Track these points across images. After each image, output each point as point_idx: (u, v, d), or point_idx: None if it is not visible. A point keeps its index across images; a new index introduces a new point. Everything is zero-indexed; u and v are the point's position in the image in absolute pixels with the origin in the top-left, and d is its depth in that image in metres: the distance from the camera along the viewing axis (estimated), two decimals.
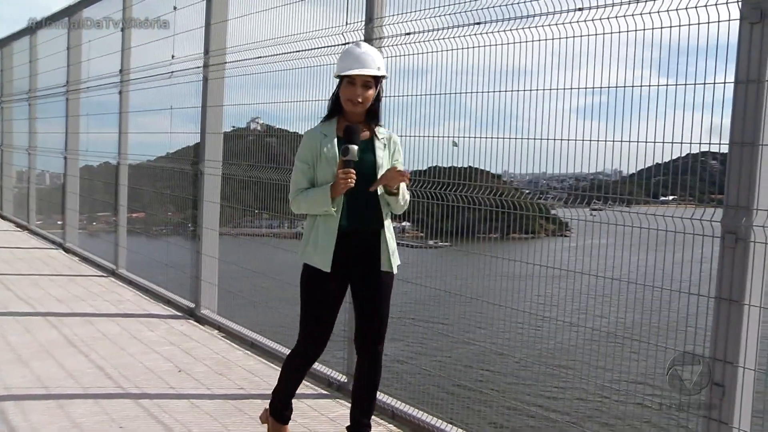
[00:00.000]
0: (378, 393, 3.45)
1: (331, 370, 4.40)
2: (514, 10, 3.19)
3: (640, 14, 2.74)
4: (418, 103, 3.78)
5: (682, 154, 2.76)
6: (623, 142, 2.83)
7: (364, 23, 4.01)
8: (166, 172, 7.17)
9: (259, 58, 5.02)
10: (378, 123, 3.14)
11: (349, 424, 3.33)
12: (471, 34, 3.41)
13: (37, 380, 4.36)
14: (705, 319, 2.65)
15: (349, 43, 4.13)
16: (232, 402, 4.09)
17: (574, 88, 3.01)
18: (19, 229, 11.54)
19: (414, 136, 3.74)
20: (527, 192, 3.53)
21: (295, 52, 4.57)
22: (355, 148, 2.95)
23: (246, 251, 6.32)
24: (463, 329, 4.07)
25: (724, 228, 2.57)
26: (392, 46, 3.86)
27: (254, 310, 5.65)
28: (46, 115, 10.66)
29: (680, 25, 2.64)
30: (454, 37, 3.50)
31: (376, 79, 3.04)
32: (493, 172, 3.57)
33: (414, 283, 3.88)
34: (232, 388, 4.35)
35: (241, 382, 4.45)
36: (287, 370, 3.30)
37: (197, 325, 5.89)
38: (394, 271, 3.14)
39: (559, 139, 3.05)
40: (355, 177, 2.94)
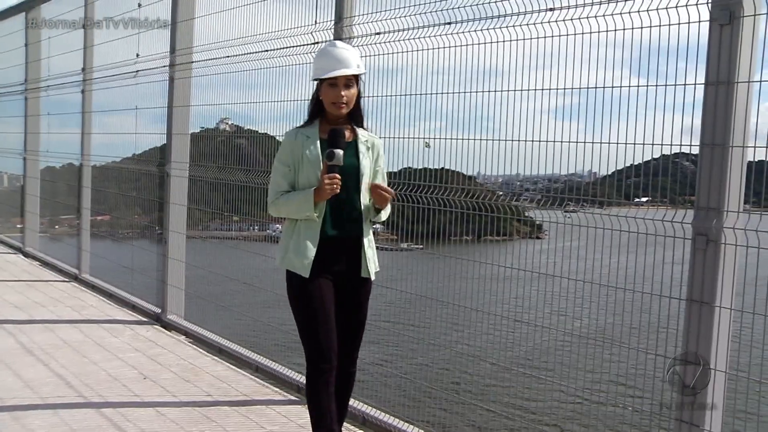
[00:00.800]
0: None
1: (300, 375, 4.32)
2: (485, 10, 3.16)
3: (611, 15, 2.73)
4: (389, 104, 3.74)
5: (656, 156, 2.75)
6: (597, 143, 2.81)
7: (333, 22, 3.96)
8: (132, 174, 7.02)
9: (227, 57, 4.93)
10: (361, 124, 3.02)
11: None
12: (443, 34, 3.38)
13: None
14: (677, 321, 2.64)
15: (320, 43, 4.07)
16: (200, 409, 4.00)
17: (548, 89, 2.99)
18: None
19: (386, 137, 3.69)
20: (501, 194, 3.50)
21: (264, 52, 4.50)
22: (341, 152, 2.84)
23: (215, 255, 6.20)
24: (438, 333, 4.03)
25: (695, 230, 2.57)
26: (363, 45, 3.80)
27: (223, 315, 5.55)
28: (4, 114, 10.36)
29: (651, 26, 2.63)
30: (426, 37, 3.46)
31: (356, 77, 2.95)
32: (467, 174, 3.54)
33: (386, 287, 3.83)
34: (200, 395, 4.25)
35: (208, 389, 4.35)
36: (313, 397, 2.95)
37: (164, 330, 5.76)
38: (372, 277, 3.04)
39: (533, 141, 3.03)
40: (340, 182, 2.85)
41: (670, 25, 2.59)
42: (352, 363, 3.10)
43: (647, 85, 2.66)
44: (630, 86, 2.73)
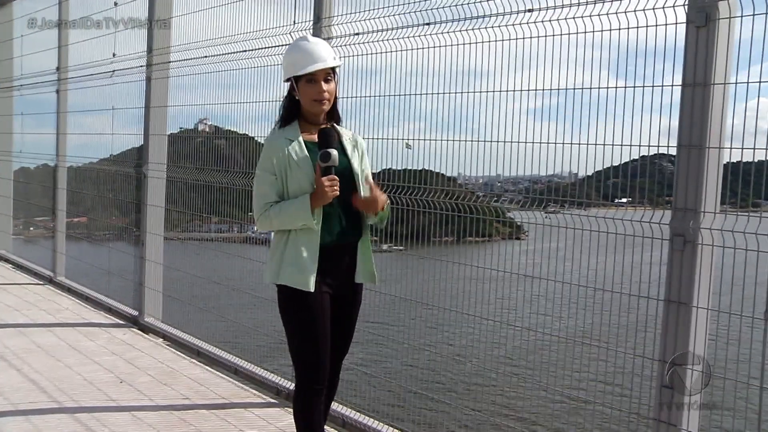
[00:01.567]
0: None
1: (279, 378, 4.30)
2: (465, 11, 3.16)
3: (590, 16, 2.74)
4: (369, 105, 3.72)
5: (637, 156, 2.77)
6: (577, 144, 2.82)
7: (312, 22, 3.93)
8: (109, 175, 6.93)
9: (205, 57, 4.89)
10: (339, 122, 2.85)
11: None
12: (422, 35, 3.37)
13: None
14: (655, 322, 2.66)
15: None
16: (177, 413, 3.95)
17: (528, 90, 2.99)
18: None
19: (366, 139, 3.67)
20: (482, 195, 3.50)
21: (242, 52, 4.46)
22: (336, 152, 2.66)
23: (194, 256, 6.13)
24: (419, 334, 4.02)
25: (673, 230, 2.58)
26: (342, 46, 3.79)
27: (202, 318, 5.49)
28: None
29: (629, 28, 2.65)
30: (406, 38, 3.45)
31: (333, 71, 2.75)
32: (448, 175, 3.53)
33: (367, 288, 3.80)
34: (177, 399, 4.20)
35: (186, 392, 4.30)
36: (305, 415, 2.79)
37: (141, 333, 5.69)
38: (375, 281, 2.87)
39: (514, 142, 3.03)
40: (338, 184, 2.65)
41: (648, 26, 2.61)
42: (338, 371, 2.95)
43: (625, 87, 2.68)
44: (608, 87, 2.74)
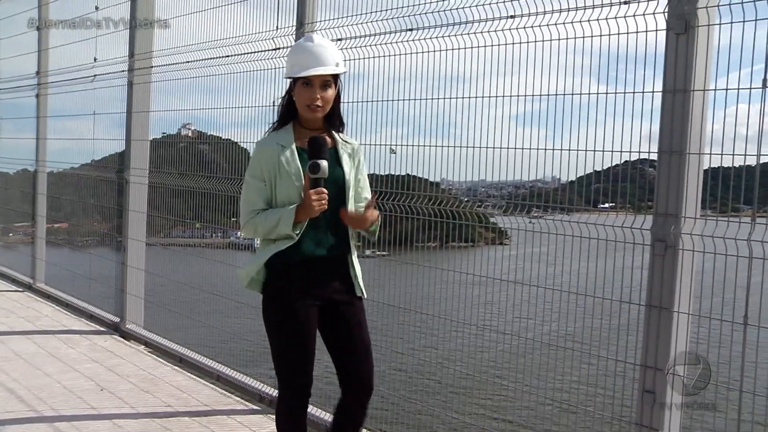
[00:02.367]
0: (311, 408, 3.33)
1: (262, 385, 4.27)
2: (447, 17, 3.17)
3: (571, 23, 2.76)
4: (353, 111, 3.71)
5: (620, 162, 2.78)
6: (561, 150, 2.83)
7: (295, 28, 3.93)
8: (91, 181, 6.86)
9: (187, 62, 4.86)
10: (340, 128, 2.72)
11: None
12: (406, 41, 3.38)
13: None
14: (637, 326, 2.67)
15: (281, 48, 4.04)
16: (159, 420, 3.91)
17: (511, 96, 3.00)
18: None
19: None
20: (466, 200, 3.50)
21: (224, 57, 4.44)
22: (326, 163, 2.52)
23: (177, 262, 6.08)
24: (404, 340, 4.01)
25: (654, 236, 2.60)
26: None
27: (184, 324, 5.44)
28: None
29: (610, 34, 2.67)
30: (389, 43, 3.45)
31: (335, 77, 2.62)
32: (432, 180, 3.53)
33: None
34: (159, 406, 4.15)
35: (168, 399, 4.26)
36: (282, 427, 2.72)
37: (122, 340, 5.63)
38: (364, 295, 2.73)
39: (498, 147, 3.04)
40: (327, 198, 2.53)
41: (629, 33, 2.63)
42: (369, 393, 2.69)
43: (606, 93, 2.70)
44: (590, 93, 2.76)
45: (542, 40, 2.84)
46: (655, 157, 2.63)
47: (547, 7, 2.81)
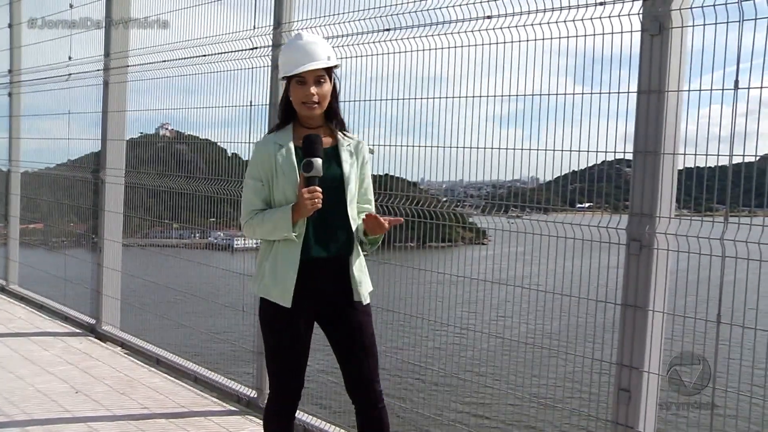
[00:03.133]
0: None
1: (240, 386, 4.24)
2: (425, 17, 3.17)
3: (548, 23, 2.77)
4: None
5: (598, 162, 2.80)
6: (539, 150, 2.85)
7: (272, 28, 3.90)
8: (67, 181, 6.77)
9: (164, 62, 4.81)
10: (341, 126, 2.68)
11: None
12: (384, 41, 3.37)
13: None
14: (612, 325, 2.69)
15: (259, 48, 4.01)
16: (135, 423, 3.86)
17: (489, 96, 3.01)
18: None
19: None
20: (444, 200, 3.50)
21: (201, 56, 4.41)
22: (319, 161, 2.48)
23: (155, 263, 6.03)
24: (384, 339, 4.01)
25: (629, 235, 2.63)
26: None
27: (161, 325, 5.39)
28: None
29: (586, 35, 2.69)
30: (366, 43, 3.45)
31: (329, 72, 2.58)
32: (410, 180, 3.53)
33: None
34: (135, 408, 4.11)
35: (144, 401, 4.21)
36: (272, 429, 2.71)
37: (98, 342, 5.56)
38: (365, 300, 2.65)
39: (476, 147, 3.04)
40: (321, 197, 2.49)
41: (604, 34, 2.65)
42: (377, 398, 2.65)
43: (582, 93, 2.72)
44: (566, 94, 2.78)
45: (519, 41, 2.86)
46: (623, 156, 2.66)
47: (524, 8, 2.82)
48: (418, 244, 3.62)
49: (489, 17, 2.91)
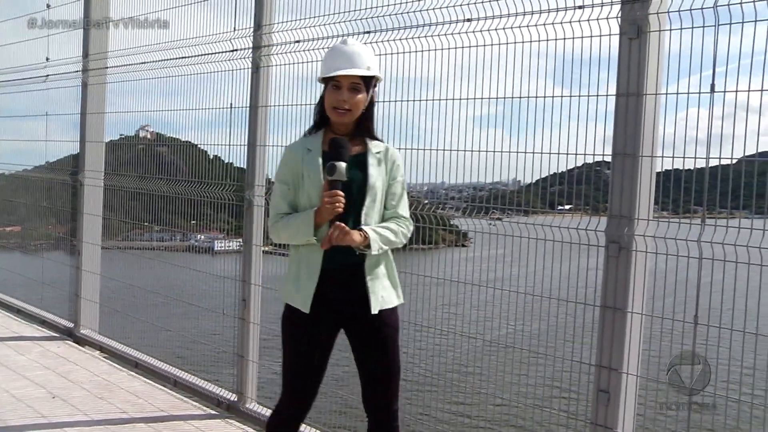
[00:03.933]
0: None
1: (220, 389, 4.21)
2: (406, 19, 3.17)
3: (527, 26, 2.78)
4: (312, 113, 3.68)
5: (578, 164, 2.82)
6: (520, 152, 2.86)
7: (252, 30, 3.89)
8: (45, 183, 6.69)
9: (143, 63, 4.77)
10: (373, 136, 2.63)
11: None
12: (365, 43, 3.36)
13: None
14: (592, 326, 2.71)
15: (239, 50, 3.99)
16: (113, 428, 3.83)
17: (470, 99, 3.02)
18: None
19: None
20: (426, 202, 3.51)
21: (181, 58, 4.38)
22: (343, 165, 2.43)
23: (135, 266, 5.96)
24: None
25: (608, 237, 2.64)
26: (282, 54, 3.75)
27: (141, 328, 5.34)
28: None
29: (565, 38, 2.70)
30: None
31: (367, 82, 2.55)
32: None
33: None
34: (114, 413, 4.06)
35: (123, 406, 4.17)
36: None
37: (76, 346, 5.49)
38: (373, 311, 2.53)
39: (458, 150, 3.05)
40: (344, 201, 2.43)
41: (584, 37, 2.67)
42: (392, 417, 2.61)
43: (562, 96, 2.74)
44: (546, 96, 2.79)
45: (499, 44, 2.87)
46: (602, 158, 2.68)
47: (503, 11, 2.83)
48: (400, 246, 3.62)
49: (469, 20, 2.92)
